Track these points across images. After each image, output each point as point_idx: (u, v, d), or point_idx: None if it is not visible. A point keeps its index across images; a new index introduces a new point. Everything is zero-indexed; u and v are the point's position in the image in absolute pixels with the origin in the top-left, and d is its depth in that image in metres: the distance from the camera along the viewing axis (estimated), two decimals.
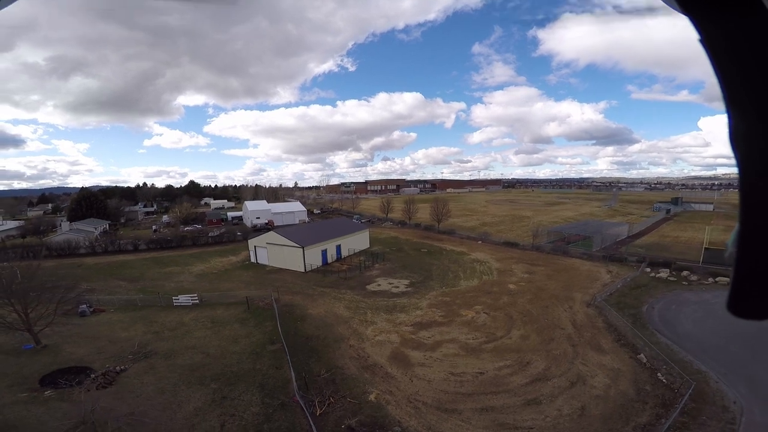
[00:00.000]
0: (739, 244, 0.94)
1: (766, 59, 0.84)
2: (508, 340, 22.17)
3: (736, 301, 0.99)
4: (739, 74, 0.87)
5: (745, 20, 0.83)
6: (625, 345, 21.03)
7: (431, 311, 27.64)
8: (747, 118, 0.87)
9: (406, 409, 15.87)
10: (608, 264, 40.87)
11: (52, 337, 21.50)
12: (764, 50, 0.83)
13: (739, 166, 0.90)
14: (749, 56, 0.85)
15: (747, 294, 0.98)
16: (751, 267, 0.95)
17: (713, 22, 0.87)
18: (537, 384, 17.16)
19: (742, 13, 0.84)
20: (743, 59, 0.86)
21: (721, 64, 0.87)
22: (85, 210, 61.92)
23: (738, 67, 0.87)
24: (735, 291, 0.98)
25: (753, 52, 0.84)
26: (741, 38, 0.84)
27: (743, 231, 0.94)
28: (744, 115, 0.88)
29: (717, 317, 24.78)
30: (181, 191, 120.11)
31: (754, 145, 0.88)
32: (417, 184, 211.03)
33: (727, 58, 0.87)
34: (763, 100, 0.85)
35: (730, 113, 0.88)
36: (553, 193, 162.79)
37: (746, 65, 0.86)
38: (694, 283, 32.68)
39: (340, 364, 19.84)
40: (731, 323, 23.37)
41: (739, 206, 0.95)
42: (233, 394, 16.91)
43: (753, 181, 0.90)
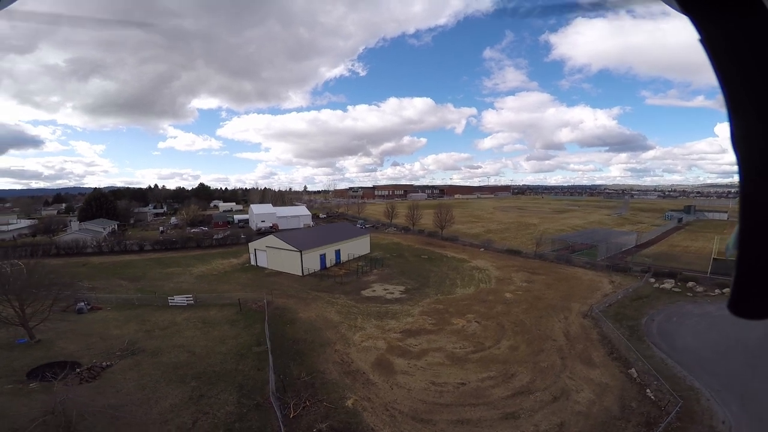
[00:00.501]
0: (740, 245, 0.94)
1: (766, 59, 0.83)
2: (496, 351, 21.68)
3: (737, 301, 0.99)
4: (739, 74, 0.87)
5: (745, 20, 0.83)
6: (618, 359, 20.29)
7: (422, 318, 27.34)
8: (747, 118, 0.87)
9: (382, 417, 15.65)
10: (611, 274, 39.73)
11: (47, 332, 22.18)
12: (764, 50, 0.83)
13: (740, 167, 0.90)
14: (749, 56, 0.85)
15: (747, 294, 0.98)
16: (752, 267, 0.95)
17: (713, 22, 0.87)
18: (518, 397, 16.67)
19: (742, 13, 0.83)
20: (743, 59, 0.86)
21: (721, 64, 0.87)
22: (95, 210, 64.15)
23: (738, 67, 0.86)
24: (735, 291, 0.98)
25: (753, 52, 0.84)
26: (741, 38, 0.84)
27: (743, 231, 0.94)
28: (744, 115, 0.87)
29: (719, 330, 23.79)
30: (191, 193, 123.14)
31: (755, 146, 0.88)
32: (425, 189, 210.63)
33: (727, 58, 0.87)
34: (763, 100, 0.85)
35: (731, 114, 0.88)
36: (563, 200, 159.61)
37: (746, 65, 0.85)
38: (699, 295, 31.42)
39: (322, 368, 19.77)
40: (734, 336, 22.39)
41: (739, 206, 0.94)
42: (211, 393, 17.05)
43: (753, 182, 0.90)
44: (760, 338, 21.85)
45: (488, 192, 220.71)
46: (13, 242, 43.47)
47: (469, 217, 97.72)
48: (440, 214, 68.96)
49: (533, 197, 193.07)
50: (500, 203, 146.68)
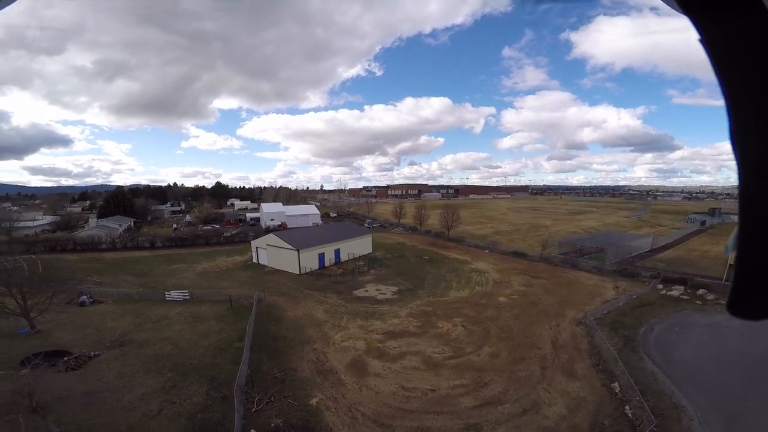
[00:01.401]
0: (739, 245, 0.93)
1: (766, 59, 0.83)
2: (475, 357, 21.13)
3: (736, 301, 0.98)
4: (739, 74, 0.86)
5: (745, 20, 0.83)
6: (603, 371, 19.24)
7: (408, 321, 27.07)
8: (747, 118, 0.87)
9: (343, 418, 15.65)
10: (617, 279, 37.84)
11: (48, 323, 23.65)
12: (764, 50, 0.83)
13: (739, 167, 0.89)
14: (749, 56, 0.84)
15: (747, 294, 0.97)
16: (751, 267, 0.94)
17: (713, 22, 0.86)
18: (486, 408, 16.15)
19: (742, 13, 0.83)
20: (743, 59, 0.85)
21: (721, 64, 0.87)
22: (113, 208, 67.83)
23: (738, 67, 0.86)
24: (735, 291, 0.97)
25: (753, 52, 0.83)
26: (741, 38, 0.83)
27: (743, 231, 0.93)
28: (744, 115, 0.87)
29: (723, 342, 22.18)
30: (208, 192, 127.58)
31: (754, 146, 0.87)
32: (439, 189, 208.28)
33: (727, 58, 0.86)
34: (763, 100, 0.84)
35: (730, 114, 0.88)
36: (582, 201, 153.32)
37: (746, 65, 0.85)
38: (709, 303, 29.36)
39: (295, 365, 20.02)
40: (738, 349, 20.82)
41: (738, 207, 0.94)
42: (183, 384, 17.71)
43: (753, 182, 0.89)
44: (764, 352, 20.18)
45: (505, 192, 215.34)
46: (35, 237, 46.76)
47: (480, 218, 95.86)
48: (447, 214, 67.97)
49: (551, 198, 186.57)
50: (515, 204, 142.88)
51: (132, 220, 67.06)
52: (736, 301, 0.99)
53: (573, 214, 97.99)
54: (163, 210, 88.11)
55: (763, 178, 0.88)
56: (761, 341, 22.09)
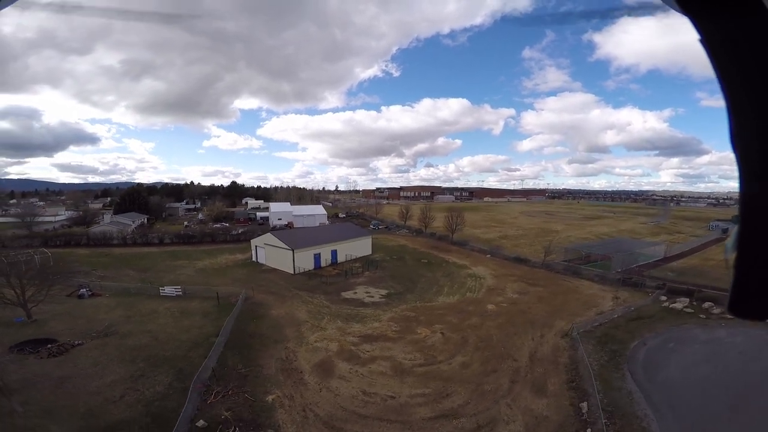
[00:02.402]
0: (739, 245, 0.94)
1: (766, 59, 0.83)
2: (445, 367, 20.61)
3: (736, 302, 0.99)
4: (739, 74, 0.87)
5: (745, 20, 0.83)
6: (576, 388, 18.22)
7: (388, 325, 26.85)
8: (747, 118, 0.87)
9: (294, 417, 15.78)
10: (619, 289, 35.99)
11: (44, 314, 25.16)
12: (764, 50, 0.83)
13: (739, 167, 0.90)
14: (749, 56, 0.84)
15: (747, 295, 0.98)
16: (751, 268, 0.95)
17: (713, 22, 0.87)
18: (440, 421, 15.71)
19: (742, 13, 0.83)
20: (743, 59, 0.85)
21: (721, 64, 0.87)
22: (128, 205, 71.52)
23: (738, 67, 0.86)
24: (735, 292, 0.98)
25: (753, 52, 0.84)
26: (741, 38, 0.84)
27: (743, 232, 0.94)
28: (744, 115, 0.87)
29: (718, 361, 20.61)
30: (224, 190, 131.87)
31: (754, 146, 0.87)
32: (453, 191, 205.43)
33: (727, 58, 0.87)
34: (763, 101, 0.85)
35: (730, 114, 0.88)
36: (600, 206, 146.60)
37: (746, 65, 0.85)
38: (714, 317, 27.35)
39: (263, 362, 20.35)
40: (733, 369, 19.32)
41: (738, 207, 0.95)
42: (151, 374, 18.46)
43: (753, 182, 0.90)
44: (762, 373, 18.58)
45: (521, 195, 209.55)
46: (54, 232, 50.00)
47: (490, 221, 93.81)
48: (451, 217, 67.01)
49: (567, 202, 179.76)
50: (529, 207, 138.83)
51: (145, 216, 70.47)
52: (736, 302, 0.98)
53: (587, 219, 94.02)
54: (177, 208, 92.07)
55: (764, 178, 0.88)
56: (762, 360, 20.40)
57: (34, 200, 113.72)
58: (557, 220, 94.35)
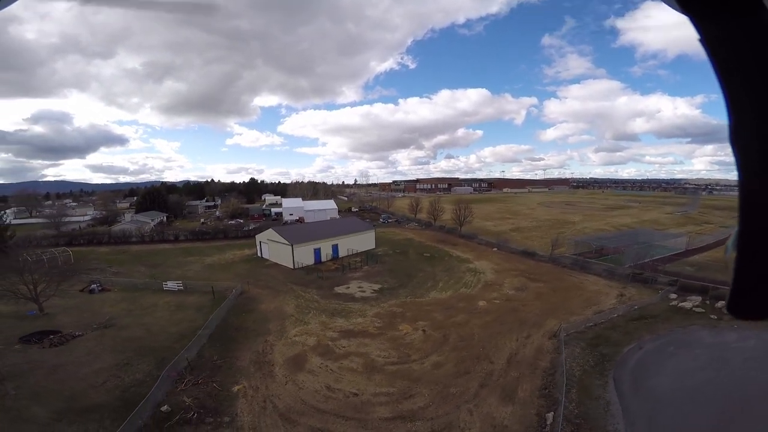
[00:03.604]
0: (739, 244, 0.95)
1: (766, 59, 0.84)
2: (417, 366, 20.31)
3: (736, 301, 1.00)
4: (739, 74, 0.87)
5: (745, 20, 0.84)
6: (547, 396, 17.24)
7: (371, 320, 26.87)
8: (747, 118, 0.88)
9: (253, 407, 16.39)
10: (628, 285, 33.78)
11: (55, 307, 27.43)
12: (764, 50, 0.84)
13: (739, 166, 0.91)
14: (749, 56, 0.85)
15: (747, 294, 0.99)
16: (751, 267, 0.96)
17: (713, 22, 0.87)
18: (395, 422, 15.53)
19: (742, 13, 0.84)
20: (743, 59, 0.86)
21: (721, 64, 0.88)
22: (149, 204, 75.99)
23: (738, 67, 0.87)
24: (735, 291, 0.99)
25: (753, 52, 0.85)
26: (741, 38, 0.84)
27: (743, 231, 0.95)
28: (744, 115, 0.88)
29: (719, 368, 18.90)
30: (243, 187, 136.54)
31: (754, 146, 0.88)
32: (472, 183, 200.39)
33: (727, 58, 0.87)
34: (763, 100, 0.86)
35: (731, 113, 0.89)
36: (625, 196, 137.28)
37: (746, 65, 0.86)
38: (726, 318, 24.97)
39: (239, 355, 21.14)
40: (732, 380, 17.71)
41: (738, 206, 0.96)
42: (135, 363, 19.77)
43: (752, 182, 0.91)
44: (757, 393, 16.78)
45: (543, 185, 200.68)
46: (79, 231, 54.24)
47: (504, 213, 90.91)
48: (458, 210, 65.59)
49: (591, 192, 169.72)
50: (550, 198, 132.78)
51: (165, 215, 74.60)
52: (736, 302, 0.98)
53: (609, 210, 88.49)
54: (197, 205, 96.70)
55: (763, 177, 0.88)
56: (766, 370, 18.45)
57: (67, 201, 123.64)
58: (576, 210, 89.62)
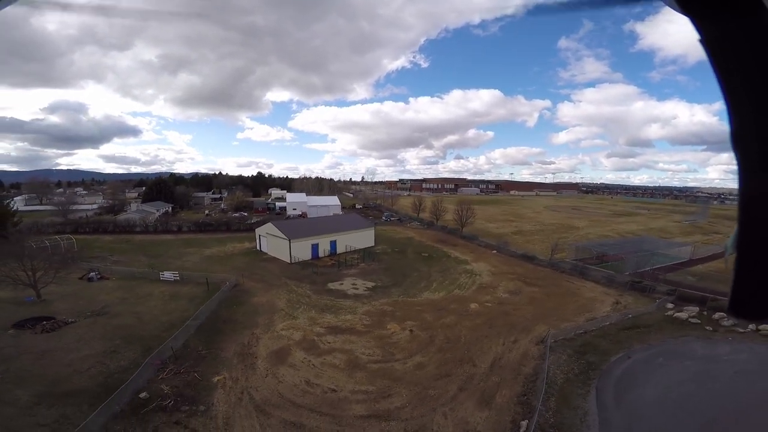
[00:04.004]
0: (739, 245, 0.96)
1: (766, 59, 0.84)
2: (400, 366, 20.24)
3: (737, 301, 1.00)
4: (739, 74, 0.87)
5: (745, 20, 0.84)
6: (525, 403, 16.90)
7: (360, 318, 26.90)
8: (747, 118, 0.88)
9: (230, 397, 16.63)
10: (625, 293, 33.15)
11: (53, 294, 28.10)
12: (764, 50, 0.84)
13: (739, 167, 0.91)
14: (749, 56, 0.85)
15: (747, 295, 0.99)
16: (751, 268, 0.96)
17: (713, 22, 0.88)
18: (369, 420, 15.50)
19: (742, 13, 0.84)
20: (743, 59, 0.86)
21: (721, 64, 0.88)
22: (155, 194, 77.40)
23: (738, 67, 0.87)
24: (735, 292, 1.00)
25: (753, 52, 0.85)
26: (741, 38, 0.84)
27: (743, 232, 0.95)
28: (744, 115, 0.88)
29: (707, 382, 18.43)
30: (250, 181, 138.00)
31: (754, 146, 0.89)
32: (479, 184, 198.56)
33: (726, 58, 0.87)
34: (763, 101, 0.86)
35: (730, 114, 0.90)
36: (634, 202, 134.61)
37: (746, 65, 0.86)
38: (722, 330, 24.37)
39: (224, 346, 21.40)
40: (719, 394, 17.26)
41: (738, 207, 0.96)
42: (122, 350, 20.21)
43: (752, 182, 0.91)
44: (753, 399, 16.31)
45: (551, 189, 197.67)
46: (86, 220, 55.52)
47: (508, 215, 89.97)
48: (460, 211, 65.19)
49: (600, 197, 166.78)
50: (556, 202, 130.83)
51: (170, 205, 75.83)
52: (736, 302, 0.99)
53: (615, 216, 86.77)
54: (203, 197, 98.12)
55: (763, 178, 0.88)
56: (759, 383, 17.92)
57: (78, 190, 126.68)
58: (582, 216, 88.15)
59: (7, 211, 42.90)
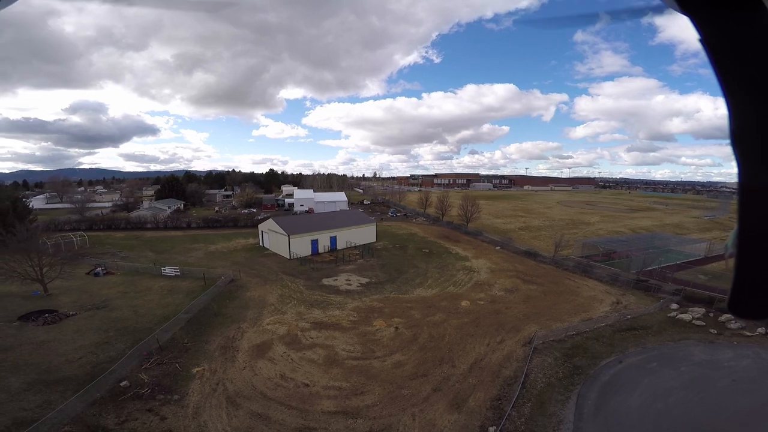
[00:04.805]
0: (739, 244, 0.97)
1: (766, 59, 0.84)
2: (378, 363, 20.16)
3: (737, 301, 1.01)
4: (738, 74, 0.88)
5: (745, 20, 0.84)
6: (497, 408, 16.42)
7: (348, 314, 26.96)
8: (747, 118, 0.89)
9: (205, 388, 17.19)
10: (628, 292, 31.71)
11: (59, 288, 29.64)
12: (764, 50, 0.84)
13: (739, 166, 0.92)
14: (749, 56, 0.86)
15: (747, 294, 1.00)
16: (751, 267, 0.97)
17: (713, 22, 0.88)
18: (336, 417, 15.54)
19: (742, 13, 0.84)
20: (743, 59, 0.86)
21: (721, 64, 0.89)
22: (167, 192, 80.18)
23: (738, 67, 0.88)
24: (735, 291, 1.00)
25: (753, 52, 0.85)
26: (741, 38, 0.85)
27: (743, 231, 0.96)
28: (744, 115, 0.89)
29: (700, 390, 17.38)
30: (263, 178, 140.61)
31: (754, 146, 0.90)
32: (492, 179, 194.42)
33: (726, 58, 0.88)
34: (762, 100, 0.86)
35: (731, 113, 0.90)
36: (652, 197, 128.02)
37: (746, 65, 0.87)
38: (727, 333, 22.91)
39: (209, 339, 22.02)
40: (712, 404, 16.39)
41: (738, 206, 0.97)
42: (114, 341, 21.16)
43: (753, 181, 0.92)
44: (745, 411, 15.25)
45: (566, 184, 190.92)
46: (101, 217, 58.22)
47: (518, 211, 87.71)
48: (466, 206, 64.11)
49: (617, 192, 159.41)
50: (571, 197, 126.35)
51: (182, 202, 78.32)
52: (736, 301, 1.01)
53: (630, 211, 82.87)
54: (214, 194, 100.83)
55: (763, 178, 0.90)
56: (755, 394, 16.75)
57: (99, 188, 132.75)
58: (596, 211, 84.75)
59: (23, 209, 45.42)
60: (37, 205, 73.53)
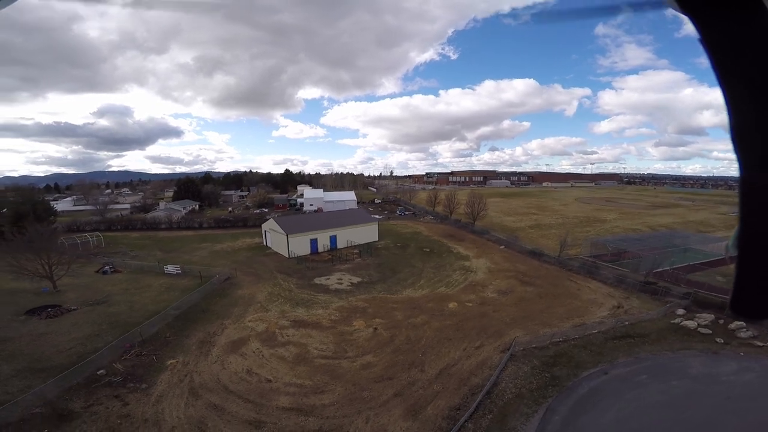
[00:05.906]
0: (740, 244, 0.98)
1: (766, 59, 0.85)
2: (348, 363, 19.95)
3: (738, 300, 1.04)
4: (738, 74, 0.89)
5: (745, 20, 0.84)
6: (453, 418, 15.52)
7: (330, 313, 26.97)
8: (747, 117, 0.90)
9: (172, 379, 17.94)
10: (633, 295, 29.61)
11: (68, 285, 31.67)
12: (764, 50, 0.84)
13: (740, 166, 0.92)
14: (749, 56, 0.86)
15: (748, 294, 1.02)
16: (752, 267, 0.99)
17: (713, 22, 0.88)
18: (289, 413, 15.52)
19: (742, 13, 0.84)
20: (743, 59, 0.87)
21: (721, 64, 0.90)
22: (183, 193, 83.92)
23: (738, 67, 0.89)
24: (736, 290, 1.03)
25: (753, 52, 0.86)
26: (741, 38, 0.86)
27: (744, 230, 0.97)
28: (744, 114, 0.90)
29: (688, 407, 15.89)
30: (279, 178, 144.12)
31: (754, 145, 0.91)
32: (510, 176, 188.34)
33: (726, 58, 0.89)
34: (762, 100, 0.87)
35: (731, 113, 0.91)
36: (678, 193, 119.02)
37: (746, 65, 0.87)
38: (734, 343, 20.80)
39: (190, 334, 22.87)
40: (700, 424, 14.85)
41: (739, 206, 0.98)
42: (105, 333, 22.36)
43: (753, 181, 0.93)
44: None
45: (589, 180, 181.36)
46: (120, 218, 61.88)
47: (531, 208, 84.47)
48: (473, 204, 62.61)
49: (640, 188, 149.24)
50: (591, 194, 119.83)
51: (197, 203, 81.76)
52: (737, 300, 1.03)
53: (653, 208, 77.32)
54: (230, 195, 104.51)
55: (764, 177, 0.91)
56: (751, 414, 15.04)
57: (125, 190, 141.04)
58: (615, 208, 79.90)
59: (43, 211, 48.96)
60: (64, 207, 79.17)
